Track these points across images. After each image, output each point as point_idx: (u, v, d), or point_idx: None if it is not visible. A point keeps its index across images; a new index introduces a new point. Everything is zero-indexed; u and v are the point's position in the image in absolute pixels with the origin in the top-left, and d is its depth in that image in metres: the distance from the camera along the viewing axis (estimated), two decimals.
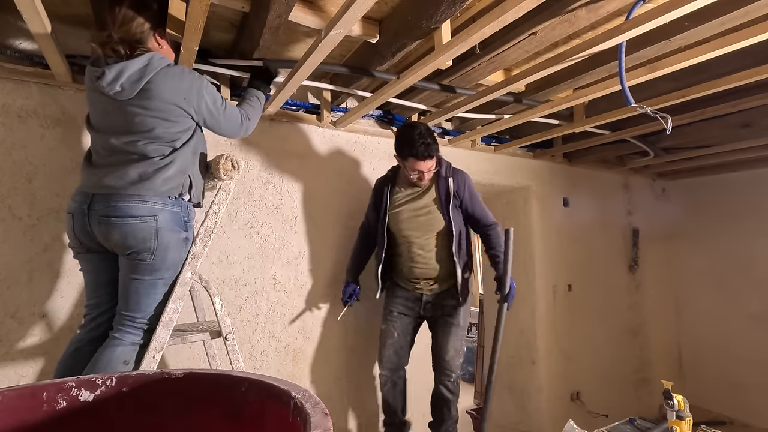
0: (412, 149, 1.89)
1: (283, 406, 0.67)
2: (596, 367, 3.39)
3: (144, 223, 1.27)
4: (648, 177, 4.03)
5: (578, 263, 3.37)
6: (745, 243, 3.75)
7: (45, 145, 1.65)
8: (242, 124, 1.55)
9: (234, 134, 1.56)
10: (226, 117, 1.47)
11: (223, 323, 1.47)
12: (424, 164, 1.92)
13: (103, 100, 1.32)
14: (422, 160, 1.90)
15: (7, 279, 1.57)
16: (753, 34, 1.36)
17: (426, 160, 1.91)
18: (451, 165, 2.10)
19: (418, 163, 1.92)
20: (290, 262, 2.16)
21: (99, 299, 1.40)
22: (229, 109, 1.49)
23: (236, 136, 1.58)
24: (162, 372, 0.81)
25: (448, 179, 2.04)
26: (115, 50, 1.28)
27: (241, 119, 1.54)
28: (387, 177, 2.18)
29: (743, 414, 3.70)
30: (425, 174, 1.97)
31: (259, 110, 1.66)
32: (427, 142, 1.88)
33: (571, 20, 1.46)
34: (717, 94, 2.02)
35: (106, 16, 1.28)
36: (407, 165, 1.95)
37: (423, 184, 2.05)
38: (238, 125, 1.54)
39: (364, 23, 1.55)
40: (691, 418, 1.60)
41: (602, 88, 1.84)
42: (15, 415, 0.72)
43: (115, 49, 1.27)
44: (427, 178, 2.01)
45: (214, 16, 1.57)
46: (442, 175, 2.04)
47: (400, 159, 1.99)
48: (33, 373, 1.60)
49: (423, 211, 2.05)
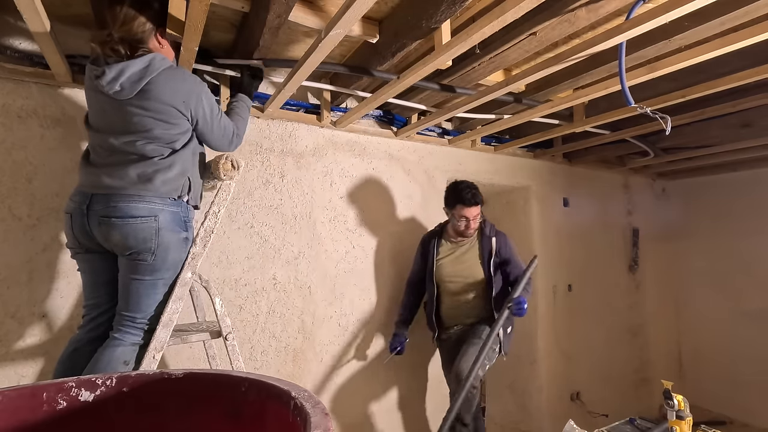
0: (460, 197, 2.15)
1: (283, 406, 0.67)
2: (596, 367, 3.40)
3: (144, 224, 1.27)
4: (648, 177, 4.04)
5: (578, 263, 3.37)
6: (746, 243, 3.75)
7: (45, 145, 1.65)
8: (232, 139, 1.52)
9: (222, 147, 1.52)
10: (219, 128, 1.45)
11: (223, 323, 1.47)
12: (471, 211, 2.15)
13: (102, 100, 1.31)
14: (469, 206, 2.14)
15: (7, 279, 1.57)
16: (753, 34, 1.36)
17: (472, 206, 2.15)
18: (494, 226, 2.33)
19: (466, 210, 2.14)
20: (290, 262, 2.16)
21: (98, 299, 1.39)
22: (224, 121, 1.47)
23: (223, 149, 1.53)
24: (162, 372, 0.81)
25: (492, 238, 2.26)
26: (115, 50, 1.27)
27: (232, 134, 1.51)
28: (434, 231, 2.39)
29: (743, 414, 3.70)
30: (471, 222, 2.18)
31: (247, 121, 1.63)
32: (474, 191, 2.15)
33: (571, 20, 1.46)
34: (717, 94, 2.02)
35: (107, 14, 1.27)
36: (455, 213, 2.18)
37: (469, 234, 2.25)
38: (229, 139, 1.51)
39: (364, 23, 1.55)
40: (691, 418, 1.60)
41: (602, 88, 1.83)
42: (15, 415, 0.72)
43: (115, 48, 1.27)
44: (473, 227, 2.21)
45: (214, 16, 1.57)
46: (486, 234, 2.27)
47: (449, 209, 2.23)
48: (33, 373, 1.60)
49: (466, 265, 2.26)
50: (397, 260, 2.51)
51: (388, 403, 2.42)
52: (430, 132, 2.68)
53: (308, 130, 2.27)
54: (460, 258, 2.28)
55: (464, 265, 2.26)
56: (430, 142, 2.68)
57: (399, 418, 2.44)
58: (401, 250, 2.52)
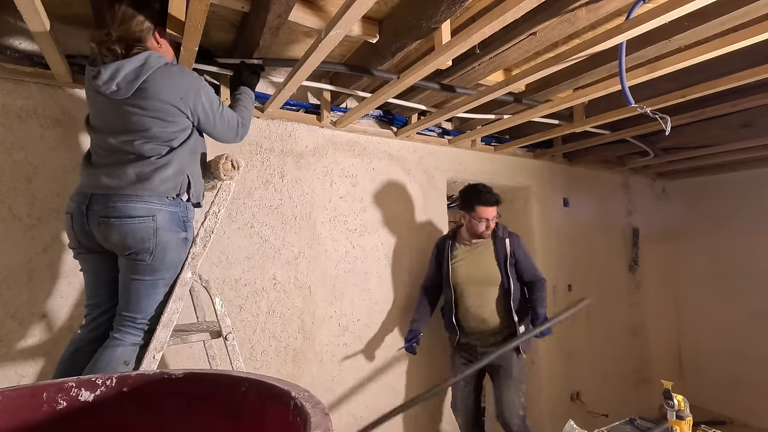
0: (479, 198, 2.18)
1: (284, 406, 0.67)
2: (596, 367, 3.39)
3: (142, 224, 1.26)
4: (648, 177, 4.04)
5: (578, 263, 3.37)
6: (745, 243, 3.75)
7: (45, 145, 1.65)
8: (237, 130, 1.51)
9: (228, 139, 1.51)
10: (222, 120, 1.44)
11: (223, 323, 1.47)
12: (490, 211, 2.19)
13: (101, 100, 1.31)
14: (488, 206, 2.18)
15: (7, 279, 1.57)
16: (753, 34, 1.36)
17: (492, 206, 2.19)
18: (507, 228, 2.36)
19: (485, 210, 2.18)
20: (290, 262, 2.16)
21: (99, 299, 1.39)
22: (226, 113, 1.45)
23: (229, 141, 1.53)
24: (162, 372, 0.81)
25: (505, 239, 2.29)
26: (111, 49, 1.26)
27: (237, 125, 1.50)
28: (447, 236, 2.41)
29: (743, 414, 3.70)
30: (490, 222, 2.21)
31: (252, 113, 1.62)
32: (491, 191, 2.20)
33: (571, 20, 1.46)
34: (717, 94, 2.02)
35: (106, 14, 1.27)
36: (475, 215, 2.20)
37: (486, 235, 2.27)
38: (234, 130, 1.50)
39: (364, 23, 1.55)
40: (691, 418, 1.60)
41: (602, 88, 1.83)
42: (15, 415, 0.72)
43: (111, 48, 1.26)
44: (491, 228, 2.24)
45: (214, 16, 1.57)
46: (500, 235, 2.30)
47: (467, 211, 2.25)
48: (33, 373, 1.60)
49: (482, 267, 2.28)
50: (398, 260, 2.51)
51: (389, 403, 2.41)
52: (430, 132, 2.68)
53: (308, 130, 2.27)
54: (476, 260, 2.30)
55: (480, 267, 2.28)
56: (430, 142, 2.68)
57: (399, 419, 2.44)
58: (401, 250, 2.52)
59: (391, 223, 2.51)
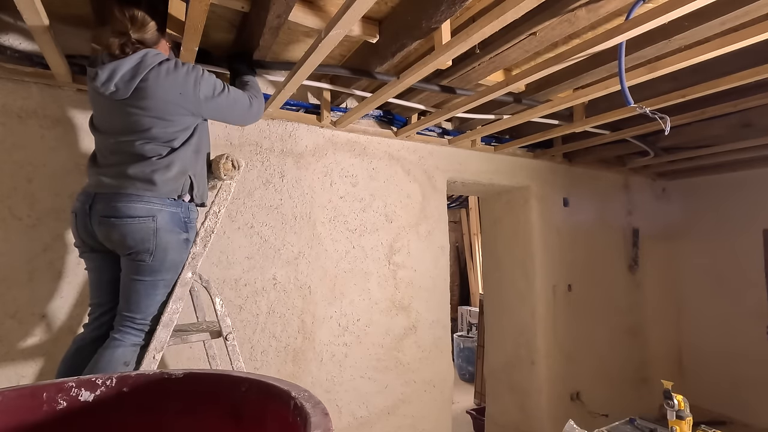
0: None
1: (284, 406, 0.67)
2: (596, 367, 3.39)
3: (142, 224, 1.26)
4: (648, 177, 4.03)
5: (578, 263, 3.37)
6: (746, 243, 3.75)
7: (45, 145, 1.65)
8: (251, 105, 1.47)
9: (243, 119, 1.48)
10: (230, 102, 1.41)
11: (223, 323, 1.47)
12: None
13: (102, 101, 1.32)
14: None
15: (7, 279, 1.57)
16: (753, 34, 1.36)
17: None
18: None
19: None
20: (290, 262, 2.16)
21: (102, 298, 1.40)
22: (233, 93, 1.42)
23: (246, 120, 1.49)
24: (162, 372, 0.81)
25: None
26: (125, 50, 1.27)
27: (249, 100, 1.46)
28: None
29: (743, 414, 3.70)
30: None
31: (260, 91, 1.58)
32: None
33: (571, 20, 1.46)
34: (717, 94, 2.02)
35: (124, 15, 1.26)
36: None
37: None
38: (247, 107, 1.46)
39: (364, 23, 1.55)
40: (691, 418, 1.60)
41: (602, 88, 1.83)
42: (15, 415, 0.72)
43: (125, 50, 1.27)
44: None
45: (214, 16, 1.57)
46: None
47: None
48: (33, 373, 1.60)
49: None
50: (398, 260, 2.51)
51: (389, 403, 2.42)
52: (430, 132, 2.68)
53: (308, 130, 2.27)
54: None
55: None
56: (430, 142, 2.68)
57: (400, 418, 2.44)
58: (401, 250, 2.52)
59: (392, 222, 2.51)
